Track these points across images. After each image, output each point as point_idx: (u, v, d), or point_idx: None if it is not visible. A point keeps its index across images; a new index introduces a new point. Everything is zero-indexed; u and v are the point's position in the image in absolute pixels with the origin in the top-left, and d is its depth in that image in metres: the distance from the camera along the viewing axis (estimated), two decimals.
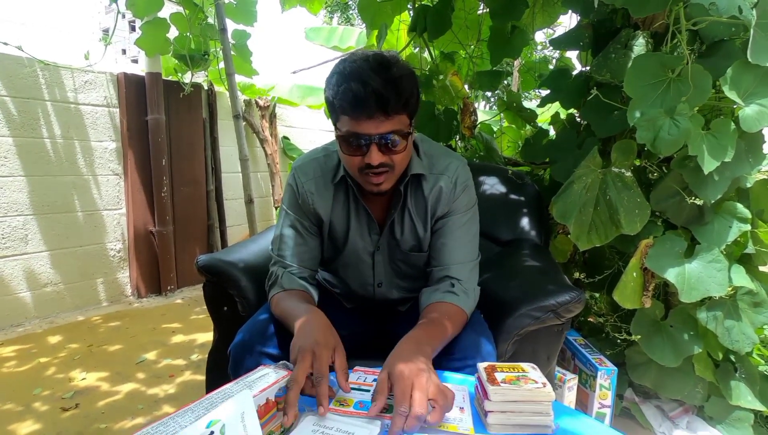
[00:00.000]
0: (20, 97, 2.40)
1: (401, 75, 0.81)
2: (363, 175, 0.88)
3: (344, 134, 0.84)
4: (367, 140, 0.82)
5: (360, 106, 0.79)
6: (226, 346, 0.96)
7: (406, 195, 0.97)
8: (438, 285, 0.96)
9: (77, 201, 2.66)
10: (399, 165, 0.88)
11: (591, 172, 1.32)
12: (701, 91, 1.11)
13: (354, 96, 0.79)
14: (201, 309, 2.73)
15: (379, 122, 0.81)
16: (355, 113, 0.80)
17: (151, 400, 1.71)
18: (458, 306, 0.92)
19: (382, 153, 0.83)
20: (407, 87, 0.82)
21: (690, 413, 1.48)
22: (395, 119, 0.82)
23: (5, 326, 2.40)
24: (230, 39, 2.81)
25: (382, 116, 0.80)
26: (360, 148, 0.84)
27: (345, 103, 0.80)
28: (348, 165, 0.90)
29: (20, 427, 1.53)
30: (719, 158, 1.11)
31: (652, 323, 1.36)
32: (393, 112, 0.80)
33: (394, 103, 0.79)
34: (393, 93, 0.79)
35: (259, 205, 3.76)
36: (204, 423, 0.44)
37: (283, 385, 0.64)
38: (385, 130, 0.81)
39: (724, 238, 1.25)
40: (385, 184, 0.88)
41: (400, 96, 0.80)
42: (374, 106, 0.79)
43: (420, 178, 0.96)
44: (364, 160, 0.84)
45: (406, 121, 0.85)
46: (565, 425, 0.68)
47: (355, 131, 0.82)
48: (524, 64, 2.25)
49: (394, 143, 0.83)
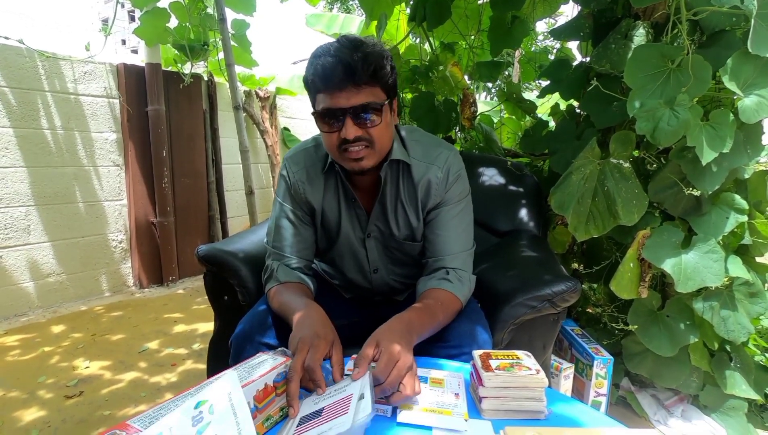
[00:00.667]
0: (21, 88, 2.40)
1: (370, 50, 0.83)
2: (342, 154, 0.88)
3: (320, 112, 0.86)
4: (341, 113, 0.84)
5: (329, 78, 0.82)
6: (227, 334, 0.97)
7: (398, 184, 0.97)
8: (433, 273, 0.97)
9: (78, 192, 2.67)
10: (378, 140, 0.87)
11: (589, 163, 1.32)
12: (701, 81, 1.11)
13: (323, 68, 0.82)
14: (202, 299, 2.75)
15: (350, 94, 0.82)
16: (327, 86, 0.83)
17: (153, 388, 1.73)
18: (452, 293, 0.93)
19: (357, 126, 0.84)
20: (375, 58, 0.83)
21: (685, 402, 1.50)
22: (366, 90, 0.83)
23: (9, 316, 2.43)
24: (230, 29, 2.80)
25: (352, 87, 0.82)
26: (336, 123, 0.85)
27: (317, 77, 0.83)
28: (327, 144, 0.91)
29: (25, 414, 1.56)
30: (717, 149, 1.11)
31: (648, 313, 1.37)
32: (362, 82, 0.82)
33: (361, 72, 0.81)
34: (360, 63, 0.81)
35: (260, 196, 3.77)
36: (192, 404, 0.46)
37: (282, 370, 0.65)
38: (357, 101, 0.83)
39: (721, 228, 1.25)
40: (365, 161, 0.88)
41: (368, 65, 0.82)
42: (342, 75, 0.81)
43: (409, 166, 0.97)
44: (340, 136, 0.85)
45: (380, 93, 0.86)
46: (558, 411, 0.70)
47: (328, 106, 0.84)
48: (524, 54, 2.24)
49: (367, 116, 0.84)
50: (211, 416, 0.45)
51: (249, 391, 0.60)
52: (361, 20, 3.47)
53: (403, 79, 2.00)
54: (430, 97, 1.86)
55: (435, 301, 0.89)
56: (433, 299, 0.90)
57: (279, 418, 0.65)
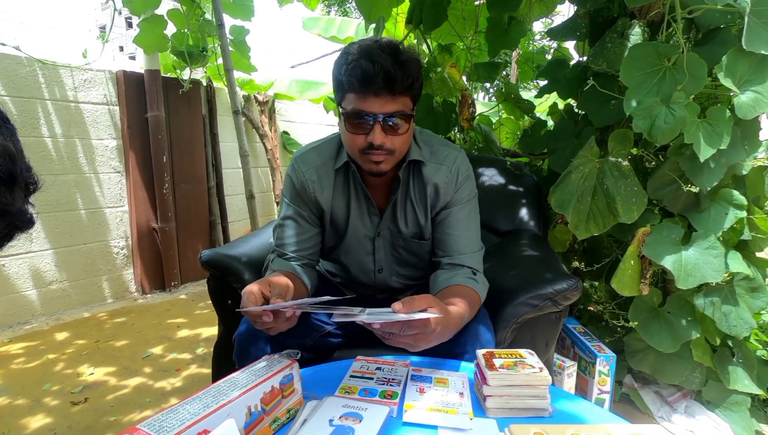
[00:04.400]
0: (20, 96, 2.41)
1: (409, 58, 0.84)
2: (364, 155, 0.89)
3: (349, 112, 0.85)
4: (372, 119, 0.84)
5: (368, 82, 0.81)
6: (231, 338, 0.98)
7: (408, 183, 0.99)
8: (456, 271, 0.97)
9: (80, 199, 2.68)
10: (399, 149, 0.89)
11: (588, 161, 1.33)
12: (697, 79, 1.12)
13: (363, 72, 0.81)
14: (205, 304, 2.76)
15: (384, 101, 0.83)
16: (363, 89, 0.82)
17: (158, 393, 1.74)
18: (478, 294, 0.94)
19: (385, 133, 0.85)
20: (414, 70, 0.84)
21: (688, 398, 1.51)
22: (400, 100, 0.84)
23: (13, 324, 2.44)
24: (228, 35, 2.81)
25: (388, 95, 0.82)
26: (364, 126, 0.85)
27: (354, 78, 0.82)
28: (350, 144, 0.91)
29: (32, 421, 1.56)
30: (715, 146, 1.12)
31: (649, 310, 1.38)
32: (398, 92, 0.83)
33: (400, 83, 0.81)
34: (400, 73, 0.81)
35: (260, 201, 3.78)
36: None
37: (288, 373, 0.66)
38: (390, 110, 0.83)
39: (720, 224, 1.26)
40: (384, 165, 0.90)
41: (408, 76, 0.82)
42: (382, 83, 0.81)
43: (420, 165, 0.98)
44: (367, 140, 0.85)
45: (409, 104, 0.87)
46: (563, 408, 0.70)
47: (360, 108, 0.84)
48: (522, 54, 2.25)
49: (397, 124, 0.85)
50: None
51: (256, 394, 0.61)
52: (359, 23, 3.48)
53: None
54: (429, 99, 1.87)
55: (467, 298, 0.88)
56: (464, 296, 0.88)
57: (286, 420, 0.66)
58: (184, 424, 0.51)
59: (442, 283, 0.96)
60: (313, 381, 0.78)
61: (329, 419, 0.63)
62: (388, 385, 0.74)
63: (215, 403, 0.56)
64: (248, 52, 2.98)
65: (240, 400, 0.58)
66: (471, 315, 0.90)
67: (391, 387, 0.73)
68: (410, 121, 0.88)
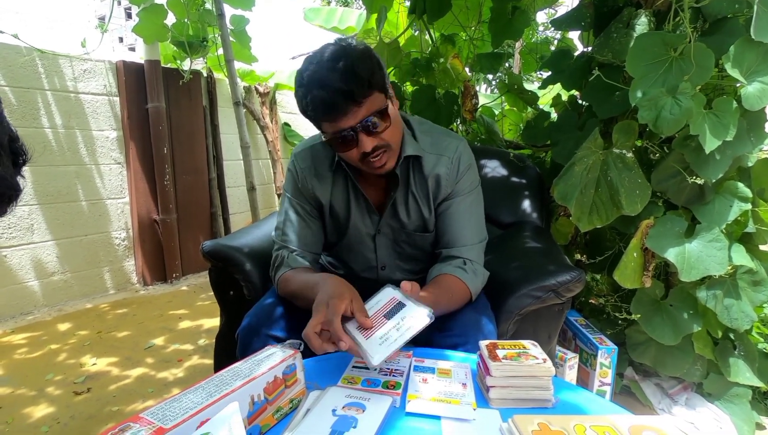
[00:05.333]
0: (20, 86, 2.39)
1: (354, 61, 0.80)
2: (365, 163, 0.88)
3: (331, 137, 0.86)
4: (353, 131, 0.83)
5: (330, 109, 0.81)
6: (233, 329, 0.98)
7: (408, 176, 0.98)
8: (450, 260, 0.97)
9: (81, 190, 2.68)
10: (393, 141, 0.88)
11: (592, 153, 1.32)
12: (703, 69, 1.11)
13: (321, 102, 0.80)
14: (206, 295, 2.76)
15: (354, 113, 0.82)
16: (329, 117, 0.82)
17: (160, 383, 1.75)
18: (465, 283, 0.94)
19: (371, 137, 0.85)
20: (365, 67, 0.81)
21: (689, 390, 1.51)
22: (367, 102, 0.82)
23: (15, 314, 2.45)
24: (228, 25, 2.78)
25: (354, 106, 0.81)
26: (350, 142, 0.85)
27: (316, 112, 0.82)
28: (348, 160, 0.92)
29: (35, 410, 1.57)
30: (721, 137, 1.11)
31: (652, 302, 1.38)
32: (362, 97, 0.81)
33: (358, 91, 0.80)
34: (354, 82, 0.79)
35: (261, 192, 3.77)
36: None
37: (290, 362, 0.66)
38: (363, 115, 0.82)
39: (724, 217, 1.25)
40: (388, 164, 0.90)
41: (362, 81, 0.80)
42: (342, 103, 0.80)
43: (419, 158, 0.97)
44: (359, 151, 0.85)
45: (380, 97, 0.85)
46: (566, 399, 0.70)
47: (337, 130, 0.83)
48: (526, 45, 2.23)
49: (376, 125, 0.84)
50: None
51: (259, 384, 0.60)
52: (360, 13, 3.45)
53: (404, 72, 1.99)
54: (431, 90, 1.85)
55: (446, 287, 0.90)
56: (444, 285, 0.90)
57: (289, 409, 0.66)
58: (187, 413, 0.51)
59: (433, 272, 0.97)
60: (315, 371, 0.78)
61: (332, 409, 0.63)
62: (390, 376, 0.74)
63: (218, 393, 0.56)
64: (249, 43, 2.96)
65: (243, 389, 0.58)
66: (451, 304, 0.91)
67: (393, 377, 0.73)
68: (388, 112, 0.86)
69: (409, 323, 0.70)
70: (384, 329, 0.71)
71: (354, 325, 0.74)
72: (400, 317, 0.72)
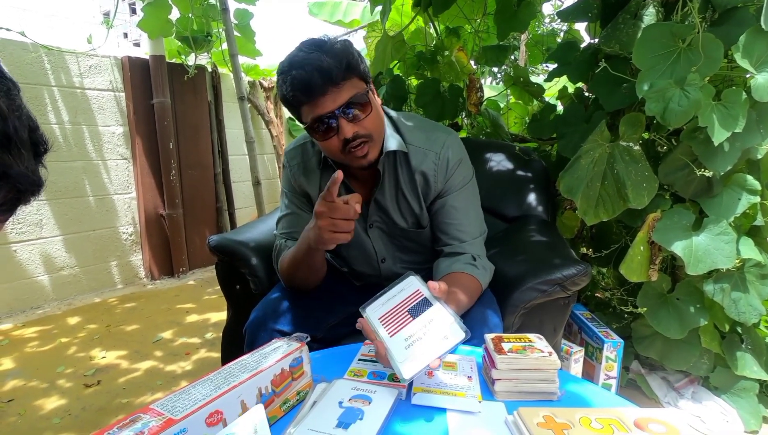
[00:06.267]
0: (27, 83, 2.41)
1: (333, 45, 0.83)
2: (347, 155, 0.87)
3: (310, 123, 0.85)
4: (333, 117, 0.83)
5: (309, 88, 0.81)
6: (240, 323, 0.99)
7: (397, 172, 0.97)
8: (458, 257, 0.97)
9: (88, 186, 2.70)
10: (375, 130, 0.88)
11: (598, 146, 1.31)
12: (712, 60, 1.09)
13: (300, 81, 0.81)
14: (213, 289, 2.79)
15: (334, 95, 0.82)
16: (308, 96, 0.82)
17: (169, 376, 1.77)
18: (478, 280, 0.94)
19: (353, 123, 0.84)
20: (344, 52, 0.83)
21: (695, 384, 1.51)
22: (347, 86, 0.83)
23: (26, 308, 2.48)
24: (233, 19, 2.78)
25: (333, 88, 0.81)
26: (330, 129, 0.84)
27: (296, 91, 0.82)
28: (329, 151, 0.90)
29: (46, 402, 1.60)
30: (730, 129, 1.09)
31: (658, 296, 1.37)
32: (340, 79, 0.81)
33: (336, 70, 0.80)
34: (332, 62, 0.80)
35: (267, 187, 3.78)
36: None
37: (297, 355, 0.66)
38: (343, 100, 0.82)
39: (732, 210, 1.24)
40: (370, 154, 0.89)
41: (340, 61, 0.81)
42: (321, 80, 0.80)
43: (406, 154, 0.96)
44: (340, 138, 0.85)
45: (359, 83, 0.85)
46: (571, 392, 0.71)
47: (317, 115, 0.83)
48: (531, 37, 2.21)
49: (358, 110, 0.84)
50: None
51: (266, 376, 0.61)
52: (365, 6, 3.43)
53: (409, 66, 1.98)
54: (436, 84, 1.84)
55: (463, 287, 0.89)
56: (460, 284, 0.89)
57: (296, 401, 0.66)
58: (196, 405, 0.52)
59: (443, 270, 0.96)
60: (322, 364, 0.78)
61: (339, 401, 0.64)
62: None
63: (226, 385, 0.56)
64: (253, 37, 2.95)
65: (251, 381, 0.58)
66: (471, 302, 0.91)
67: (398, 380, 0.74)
68: (369, 100, 0.86)
69: (438, 332, 0.64)
70: (409, 329, 0.67)
71: (377, 316, 0.72)
72: (427, 320, 0.67)
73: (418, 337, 0.65)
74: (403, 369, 0.61)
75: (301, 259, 0.93)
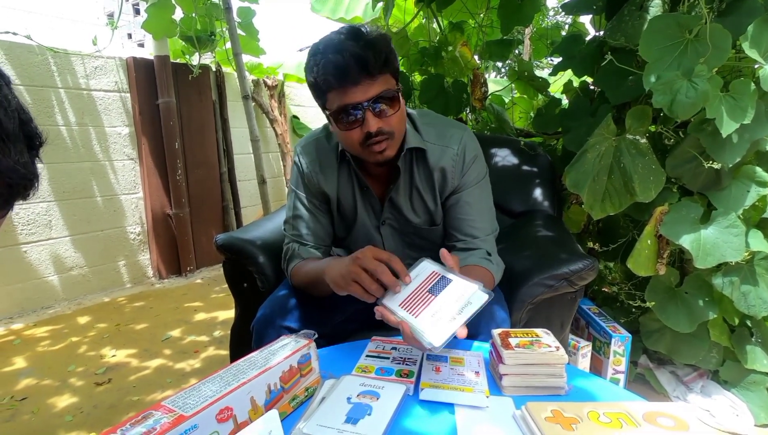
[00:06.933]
0: (34, 85, 2.43)
1: (374, 37, 0.81)
2: (365, 149, 0.86)
3: (336, 110, 0.83)
4: (361, 109, 0.82)
5: (344, 74, 0.79)
6: (248, 321, 1.00)
7: (412, 170, 0.97)
8: (472, 251, 0.96)
9: (96, 186, 2.73)
10: (396, 129, 0.87)
11: (605, 140, 1.30)
12: (720, 51, 1.08)
13: (335, 66, 0.79)
14: (220, 288, 2.81)
15: (366, 87, 0.80)
16: (341, 83, 0.80)
17: (178, 374, 1.79)
18: (492, 274, 0.94)
19: (378, 118, 0.83)
20: (383, 45, 0.82)
21: (704, 378, 1.50)
22: (380, 80, 0.82)
23: (36, 308, 2.52)
24: (236, 17, 2.78)
25: (367, 79, 0.80)
26: (355, 121, 0.83)
27: (329, 76, 0.80)
28: (347, 143, 0.89)
29: (59, 400, 1.63)
30: (738, 120, 1.08)
31: (666, 290, 1.36)
32: (376, 71, 0.80)
33: (374, 62, 0.79)
34: (371, 52, 0.79)
35: (272, 185, 3.80)
36: None
37: (305, 352, 0.67)
38: (374, 93, 0.81)
39: (741, 202, 1.23)
40: (388, 151, 0.87)
41: (379, 53, 0.80)
42: (357, 69, 0.79)
43: (423, 151, 0.95)
44: (363, 131, 0.83)
45: (391, 81, 0.85)
46: (579, 386, 0.70)
47: (345, 103, 0.82)
48: (536, 31, 2.19)
49: (386, 106, 0.83)
50: None
51: (275, 373, 0.62)
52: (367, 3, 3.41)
53: (412, 62, 1.98)
54: (440, 79, 1.84)
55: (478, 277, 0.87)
56: (475, 274, 0.88)
57: (304, 398, 0.67)
58: (206, 401, 0.53)
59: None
60: (330, 361, 0.79)
61: (347, 397, 0.64)
62: (404, 364, 0.75)
63: (236, 382, 0.57)
64: (257, 35, 2.96)
65: (260, 378, 0.59)
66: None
67: (406, 366, 0.74)
68: (398, 98, 0.85)
69: (463, 298, 0.66)
70: (434, 306, 0.67)
71: (396, 303, 0.71)
72: (448, 293, 0.68)
73: (442, 310, 0.66)
74: (432, 338, 0.62)
75: (316, 282, 0.91)
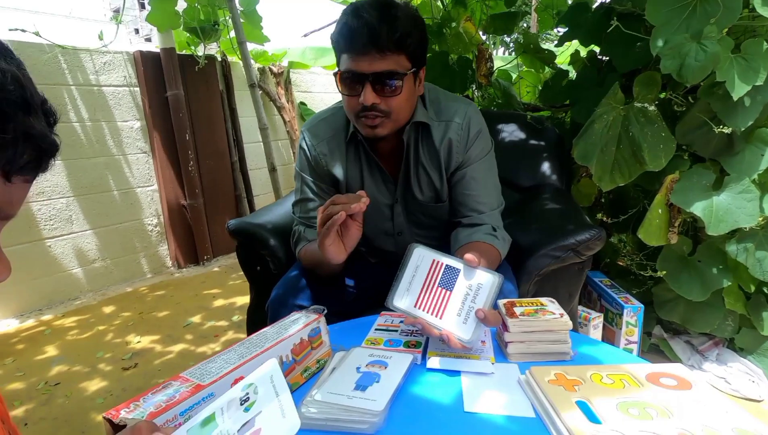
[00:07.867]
0: (46, 83, 2.48)
1: (400, 14, 0.80)
2: (359, 120, 0.87)
3: (341, 72, 0.84)
4: (362, 78, 0.81)
5: (353, 40, 0.79)
6: (263, 303, 1.03)
7: (418, 146, 0.97)
8: (477, 227, 0.96)
9: (112, 180, 2.79)
10: (396, 111, 0.86)
11: (612, 109, 1.28)
12: (731, 10, 1.04)
13: (348, 29, 0.79)
14: (237, 275, 2.87)
15: (372, 59, 0.80)
16: (349, 48, 0.81)
17: (200, 357, 1.86)
18: (498, 250, 0.94)
19: (376, 93, 0.82)
20: (405, 25, 0.80)
21: (720, 346, 1.49)
22: (390, 58, 0.80)
23: (64, 300, 2.62)
24: (238, 6, 2.78)
25: (375, 53, 0.79)
26: (355, 87, 0.83)
27: (341, 37, 0.81)
28: (347, 107, 0.89)
29: (90, 385, 1.71)
30: (750, 82, 1.05)
31: (678, 259, 1.35)
32: (386, 48, 0.79)
33: (387, 39, 0.78)
34: (386, 28, 0.78)
35: (283, 173, 3.82)
36: (240, 387, 0.51)
37: (315, 326, 0.69)
38: (379, 68, 0.80)
39: (755, 167, 1.20)
40: (380, 129, 0.87)
41: (395, 31, 0.78)
42: (366, 39, 0.78)
43: (428, 127, 0.95)
44: (359, 101, 0.83)
45: (404, 62, 0.83)
46: (584, 352, 0.72)
47: (350, 69, 0.82)
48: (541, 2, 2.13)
49: (389, 84, 0.82)
50: (255, 396, 0.50)
51: (286, 346, 0.64)
52: None
53: None
54: (444, 57, 1.81)
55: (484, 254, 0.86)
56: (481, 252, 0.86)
57: (316, 369, 0.70)
58: (222, 372, 0.55)
59: (463, 239, 0.95)
60: (340, 335, 0.81)
61: (357, 367, 0.67)
62: (411, 336, 0.77)
63: (249, 354, 0.60)
64: (260, 23, 2.94)
65: (272, 350, 0.62)
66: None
67: (414, 338, 0.76)
68: (404, 81, 0.84)
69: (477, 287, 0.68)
70: (453, 305, 0.68)
71: (411, 304, 0.71)
72: (464, 287, 0.69)
73: (468, 308, 0.68)
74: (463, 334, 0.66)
75: (319, 262, 0.93)
